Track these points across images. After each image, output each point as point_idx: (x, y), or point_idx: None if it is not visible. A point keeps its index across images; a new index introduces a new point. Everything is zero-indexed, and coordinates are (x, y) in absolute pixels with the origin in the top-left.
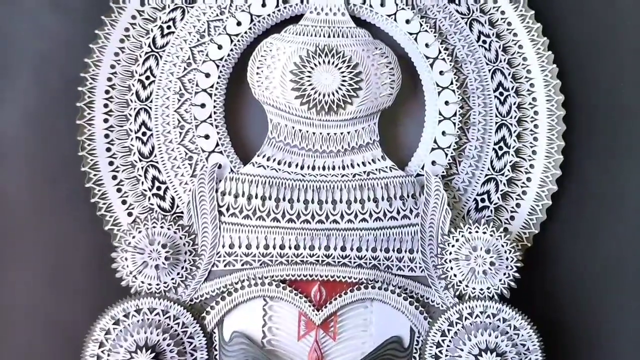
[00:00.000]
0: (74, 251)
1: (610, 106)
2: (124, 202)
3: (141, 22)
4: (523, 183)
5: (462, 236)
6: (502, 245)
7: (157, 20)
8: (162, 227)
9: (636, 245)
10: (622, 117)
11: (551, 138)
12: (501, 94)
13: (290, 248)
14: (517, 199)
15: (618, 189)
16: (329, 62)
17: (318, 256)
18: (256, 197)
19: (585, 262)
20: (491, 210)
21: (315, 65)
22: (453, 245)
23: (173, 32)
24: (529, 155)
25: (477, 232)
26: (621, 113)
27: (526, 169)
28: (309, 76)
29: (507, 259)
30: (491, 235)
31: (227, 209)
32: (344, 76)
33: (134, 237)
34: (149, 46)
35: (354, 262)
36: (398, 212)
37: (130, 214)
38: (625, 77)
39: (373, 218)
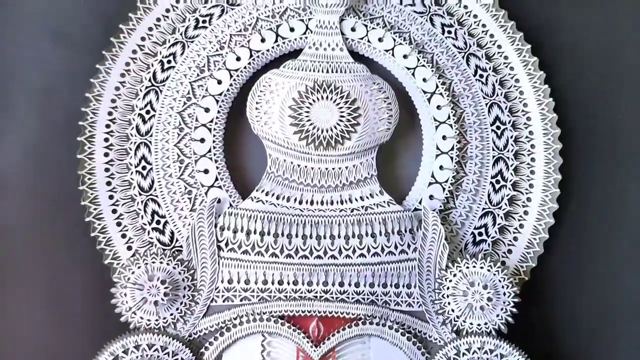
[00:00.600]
0: (73, 285)
1: (608, 141)
2: (123, 236)
3: (142, 56)
4: (520, 216)
5: (460, 271)
6: (500, 281)
7: (157, 54)
8: (161, 262)
9: (635, 279)
10: (620, 153)
11: (548, 171)
12: (498, 127)
13: (288, 283)
14: (514, 232)
15: (615, 223)
16: (327, 97)
17: (316, 292)
18: (255, 233)
19: (583, 295)
20: (489, 244)
21: (314, 100)
22: (450, 281)
23: (173, 67)
24: (526, 189)
25: (474, 267)
26: (618, 149)
27: (523, 202)
28: (308, 112)
29: (504, 294)
30: (488, 270)
31: (226, 244)
32: (342, 112)
33: (133, 273)
34: (150, 80)
35: (352, 298)
36: (396, 247)
37: (129, 248)
38: (623, 114)
39: (371, 253)
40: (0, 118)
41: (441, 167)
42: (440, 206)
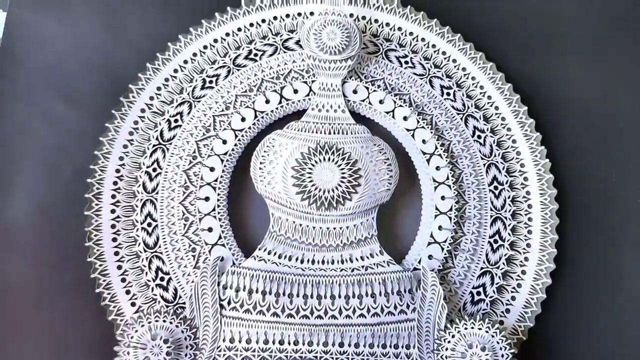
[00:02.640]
0: (78, 341)
1: (604, 199)
2: (127, 292)
3: (150, 115)
4: (518, 276)
5: (458, 332)
6: (498, 342)
7: (165, 113)
8: (164, 321)
9: (633, 337)
10: (616, 211)
11: (545, 231)
12: (496, 187)
13: (289, 344)
14: (512, 291)
15: (613, 282)
16: (329, 159)
17: (317, 352)
18: (257, 292)
19: (581, 355)
20: (487, 304)
21: (316, 162)
22: (449, 342)
23: (180, 126)
24: (524, 248)
25: (472, 328)
26: (614, 206)
27: (521, 262)
28: (310, 172)
29: (502, 355)
30: (487, 332)
31: (229, 303)
32: (343, 173)
33: (136, 331)
34: (157, 139)
35: (352, 359)
36: (395, 308)
37: (133, 304)
38: (618, 171)
39: (371, 313)
40: (9, 174)
41: (440, 227)
42: (439, 266)
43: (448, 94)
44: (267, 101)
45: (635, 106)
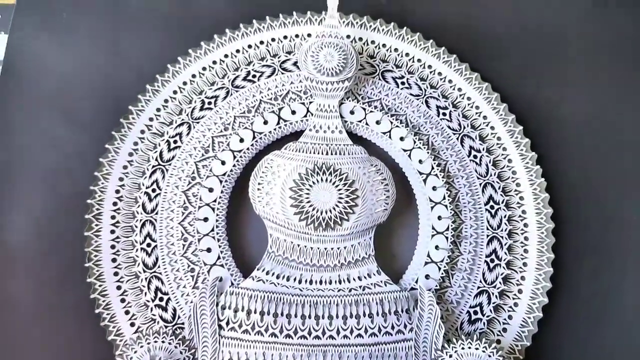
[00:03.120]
0: None
1: (600, 217)
2: (127, 313)
3: (149, 136)
4: (515, 295)
5: (455, 352)
6: None
7: (164, 134)
8: (163, 341)
9: (632, 355)
10: (613, 228)
11: (541, 250)
12: (492, 207)
13: None
14: (509, 310)
15: (610, 300)
16: (326, 180)
17: None
18: (255, 312)
19: None
20: (484, 323)
21: (314, 182)
22: None
23: (179, 147)
24: (520, 267)
25: (469, 348)
26: (611, 224)
27: (517, 280)
28: (308, 193)
29: None
30: (483, 351)
31: (227, 323)
32: (340, 193)
33: (135, 352)
34: (156, 160)
35: None
36: (392, 327)
37: (132, 324)
38: (614, 188)
39: (368, 334)
40: (9, 195)
41: (437, 247)
42: (436, 285)
43: (444, 114)
44: (266, 122)
45: (630, 124)
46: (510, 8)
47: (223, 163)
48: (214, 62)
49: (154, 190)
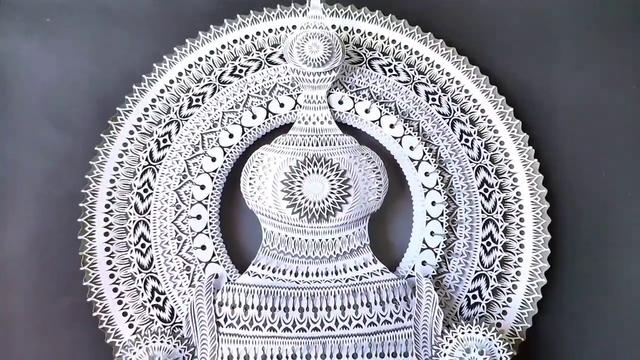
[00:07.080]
0: None
1: (594, 196)
2: (124, 314)
3: (138, 136)
4: (513, 277)
5: (455, 337)
6: (495, 345)
7: (153, 134)
8: (162, 341)
9: (630, 334)
10: (607, 207)
11: (537, 231)
12: (486, 190)
13: (287, 358)
14: (507, 293)
15: (607, 278)
16: (317, 171)
17: None
18: (252, 307)
19: (579, 354)
20: (483, 307)
21: (305, 174)
22: (447, 347)
23: (169, 145)
24: (517, 249)
25: (469, 332)
26: (605, 203)
27: (515, 262)
28: (300, 185)
29: (500, 358)
30: (484, 335)
31: (225, 320)
32: (332, 184)
33: (134, 354)
34: (147, 160)
35: None
36: (391, 316)
37: (131, 326)
38: (607, 168)
39: (367, 323)
40: (1, 201)
41: (432, 233)
42: (433, 271)
43: (433, 99)
44: (254, 116)
45: (621, 104)
46: None
47: (213, 160)
48: (200, 59)
49: (145, 191)
